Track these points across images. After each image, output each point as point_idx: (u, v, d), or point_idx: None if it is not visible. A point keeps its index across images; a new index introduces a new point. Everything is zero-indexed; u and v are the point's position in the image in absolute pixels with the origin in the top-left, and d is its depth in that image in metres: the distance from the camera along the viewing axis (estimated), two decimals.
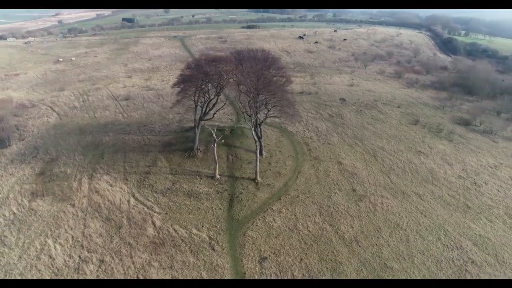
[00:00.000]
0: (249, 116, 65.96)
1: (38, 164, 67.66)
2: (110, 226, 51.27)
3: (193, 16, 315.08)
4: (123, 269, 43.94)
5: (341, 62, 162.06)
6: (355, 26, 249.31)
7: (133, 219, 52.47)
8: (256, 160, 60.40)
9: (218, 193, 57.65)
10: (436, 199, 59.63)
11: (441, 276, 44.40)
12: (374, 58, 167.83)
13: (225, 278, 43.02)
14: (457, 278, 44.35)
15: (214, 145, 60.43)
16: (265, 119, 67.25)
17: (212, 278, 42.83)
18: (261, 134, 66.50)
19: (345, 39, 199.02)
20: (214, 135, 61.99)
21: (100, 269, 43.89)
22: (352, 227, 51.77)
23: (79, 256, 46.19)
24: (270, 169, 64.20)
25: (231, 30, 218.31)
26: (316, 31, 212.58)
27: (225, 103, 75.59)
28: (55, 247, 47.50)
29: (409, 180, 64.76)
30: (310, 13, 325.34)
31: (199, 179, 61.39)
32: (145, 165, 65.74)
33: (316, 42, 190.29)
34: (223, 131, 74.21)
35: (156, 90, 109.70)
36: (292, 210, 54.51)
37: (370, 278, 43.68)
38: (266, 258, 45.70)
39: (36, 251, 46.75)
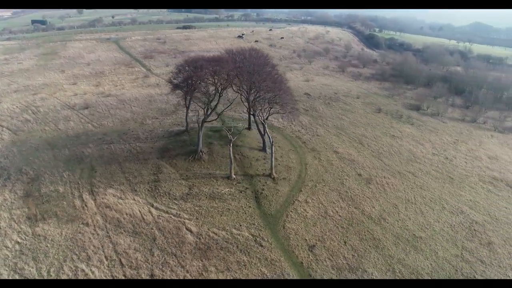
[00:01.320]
0: (252, 115, 67.00)
1: (18, 186, 59.41)
2: (143, 240, 48.05)
3: (113, 17, 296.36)
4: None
5: (286, 59, 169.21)
6: (286, 25, 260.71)
7: (164, 229, 49.85)
8: (271, 157, 61.68)
9: (241, 192, 57.60)
10: (426, 175, 67.88)
11: (460, 238, 51.46)
12: (314, 55, 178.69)
13: (285, 270, 43.90)
14: (469, 239, 51.71)
15: (230, 145, 60.02)
16: (267, 117, 68.52)
17: (274, 276, 43.36)
18: (264, 131, 67.74)
19: (282, 38, 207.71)
20: (229, 135, 61.50)
21: None
22: (374, 207, 56.55)
23: (124, 275, 42.74)
24: (279, 164, 65.90)
25: (166, 31, 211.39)
26: (253, 30, 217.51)
27: (231, 103, 74.92)
28: (91, 270, 43.08)
29: (398, 161, 72.35)
30: (237, 13, 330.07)
31: (215, 180, 60.42)
32: (150, 174, 62.21)
33: (256, 41, 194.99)
34: (218, 132, 73.58)
35: (115, 96, 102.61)
36: (317, 199, 57.27)
37: (407, 248, 48.63)
38: (314, 245, 47.72)
39: (70, 278, 41.91)
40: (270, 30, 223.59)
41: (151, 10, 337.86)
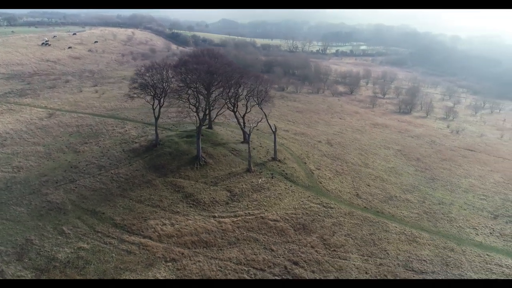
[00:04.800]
0: (232, 111, 70.80)
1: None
2: (247, 244, 47.88)
3: None
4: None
5: (126, 63, 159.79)
6: (80, 28, 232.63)
7: (253, 229, 50.66)
8: (274, 141, 68.40)
9: (272, 178, 62.62)
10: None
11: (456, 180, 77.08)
12: (145, 56, 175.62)
13: (342, 206, 55.72)
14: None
15: (248, 140, 62.77)
16: (249, 111, 72.91)
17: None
18: (244, 124, 72.45)
19: (96, 42, 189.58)
20: (248, 131, 63.40)
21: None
22: (377, 161, 74.66)
23: (262, 275, 43.49)
24: (262, 148, 73.07)
25: None
26: (55, 36, 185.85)
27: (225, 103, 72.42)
28: None
29: (355, 119, 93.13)
30: None
31: (239, 177, 62.15)
32: (172, 192, 56.99)
33: (70, 47, 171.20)
34: (190, 136, 71.84)
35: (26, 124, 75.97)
36: (322, 165, 69.79)
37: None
38: (359, 195, 61.34)
39: None
40: (74, 34, 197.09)
41: None
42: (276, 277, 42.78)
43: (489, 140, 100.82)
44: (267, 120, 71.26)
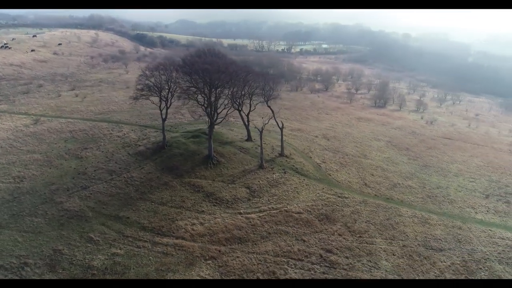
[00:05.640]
0: (237, 110, 71.87)
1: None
2: (278, 238, 49.48)
3: None
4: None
5: (97, 66, 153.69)
6: (39, 30, 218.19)
7: (280, 222, 52.29)
8: (281, 138, 70.25)
9: (285, 173, 64.47)
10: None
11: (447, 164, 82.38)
12: (116, 58, 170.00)
13: (356, 196, 59.34)
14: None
15: (260, 137, 64.05)
16: (253, 109, 73.95)
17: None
18: (248, 123, 73.65)
19: (60, 44, 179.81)
20: (261, 128, 64.48)
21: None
22: (373, 152, 78.53)
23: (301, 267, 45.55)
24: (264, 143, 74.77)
25: None
26: (14, 38, 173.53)
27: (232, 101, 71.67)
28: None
29: (340, 114, 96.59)
30: None
31: (253, 174, 63.32)
32: (192, 192, 57.11)
33: (33, 50, 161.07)
34: (197, 137, 71.81)
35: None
36: (326, 158, 72.80)
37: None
38: (367, 184, 65.02)
39: None
40: (34, 36, 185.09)
41: None
42: (316, 266, 44.73)
43: (460, 129, 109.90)
44: (274, 117, 72.93)
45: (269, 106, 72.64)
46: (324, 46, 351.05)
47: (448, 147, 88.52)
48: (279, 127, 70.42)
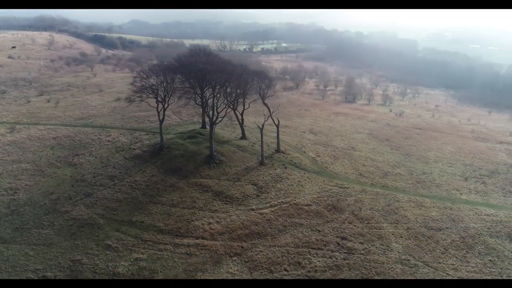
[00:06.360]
0: (232, 109, 72.61)
1: None
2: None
3: None
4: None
5: (61, 70, 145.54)
6: None
7: (292, 215, 54.12)
8: (277, 135, 71.91)
9: (286, 168, 66.25)
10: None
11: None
12: (81, 61, 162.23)
13: (354, 184, 63.09)
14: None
15: (261, 135, 65.18)
16: (247, 107, 74.70)
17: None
18: (242, 121, 74.52)
19: (14, 47, 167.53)
20: (261, 125, 65.32)
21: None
22: (359, 145, 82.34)
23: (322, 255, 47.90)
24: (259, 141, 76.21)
25: None
26: None
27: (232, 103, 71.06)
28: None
29: (318, 110, 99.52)
30: None
31: (256, 171, 64.45)
32: (201, 192, 57.18)
33: None
34: (194, 137, 71.45)
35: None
36: (320, 152, 75.69)
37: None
38: (362, 174, 68.75)
39: None
40: None
41: None
42: (335, 253, 47.04)
43: (426, 119, 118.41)
44: (270, 115, 74.40)
45: (265, 104, 74.06)
46: (284, 45, 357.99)
47: (421, 137, 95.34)
48: (275, 124, 72.16)
